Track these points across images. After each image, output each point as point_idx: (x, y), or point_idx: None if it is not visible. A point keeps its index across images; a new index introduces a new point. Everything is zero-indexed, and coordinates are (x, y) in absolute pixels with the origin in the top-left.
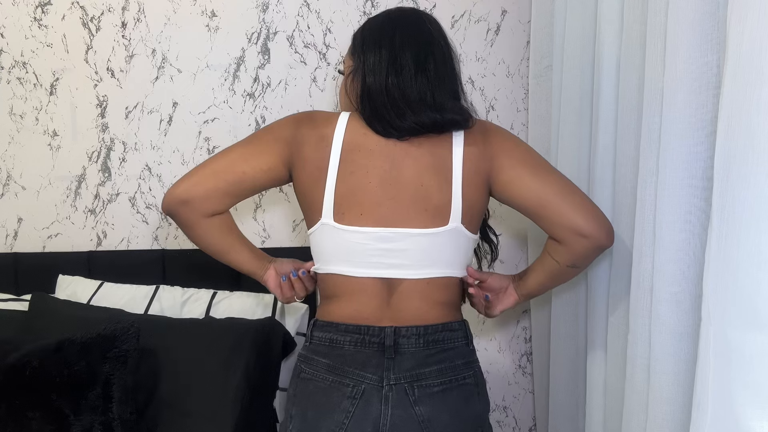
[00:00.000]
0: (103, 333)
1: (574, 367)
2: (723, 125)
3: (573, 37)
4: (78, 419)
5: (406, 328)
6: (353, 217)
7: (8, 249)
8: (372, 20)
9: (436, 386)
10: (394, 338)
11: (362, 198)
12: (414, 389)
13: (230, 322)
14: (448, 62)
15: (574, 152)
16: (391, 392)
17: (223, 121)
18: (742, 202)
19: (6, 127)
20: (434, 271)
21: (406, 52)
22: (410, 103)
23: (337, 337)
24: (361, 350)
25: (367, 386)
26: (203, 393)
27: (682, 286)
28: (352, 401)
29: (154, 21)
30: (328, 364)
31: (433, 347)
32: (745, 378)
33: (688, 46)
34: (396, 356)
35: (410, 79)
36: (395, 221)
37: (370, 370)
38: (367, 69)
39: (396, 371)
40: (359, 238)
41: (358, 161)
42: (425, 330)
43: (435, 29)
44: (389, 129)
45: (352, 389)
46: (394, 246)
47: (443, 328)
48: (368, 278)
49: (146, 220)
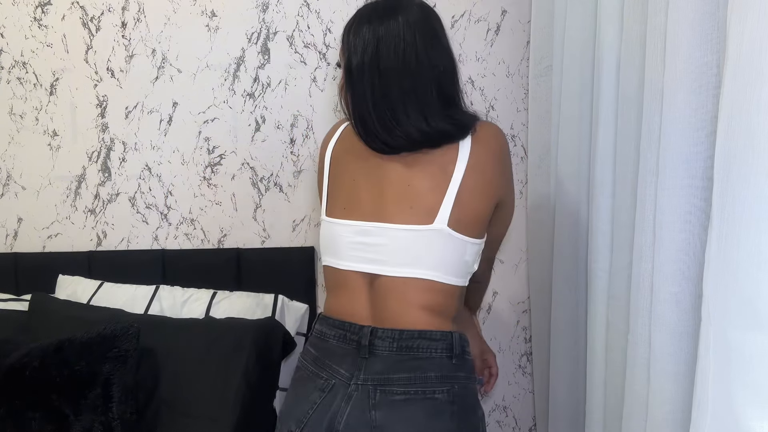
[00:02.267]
0: (103, 333)
1: (574, 368)
2: (723, 125)
3: (573, 37)
4: (78, 419)
5: (383, 330)
6: (339, 211)
7: (8, 249)
8: (352, 21)
9: (398, 394)
10: (369, 338)
11: (348, 194)
12: (376, 393)
13: (230, 322)
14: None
15: (574, 152)
16: (356, 392)
17: (223, 121)
18: (742, 202)
19: (6, 127)
20: (413, 271)
21: (386, 64)
22: (397, 119)
23: (326, 331)
24: (342, 346)
25: (337, 381)
26: (203, 393)
27: (682, 286)
28: (320, 394)
29: (154, 21)
30: (315, 356)
31: (405, 354)
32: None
33: (688, 46)
34: (369, 357)
35: (392, 96)
36: (376, 216)
37: (344, 367)
38: (353, 82)
39: (366, 372)
40: (342, 230)
41: (348, 162)
42: (400, 334)
43: (421, 29)
44: (384, 147)
45: (324, 382)
46: (373, 240)
47: (419, 335)
48: (351, 271)
49: (146, 220)
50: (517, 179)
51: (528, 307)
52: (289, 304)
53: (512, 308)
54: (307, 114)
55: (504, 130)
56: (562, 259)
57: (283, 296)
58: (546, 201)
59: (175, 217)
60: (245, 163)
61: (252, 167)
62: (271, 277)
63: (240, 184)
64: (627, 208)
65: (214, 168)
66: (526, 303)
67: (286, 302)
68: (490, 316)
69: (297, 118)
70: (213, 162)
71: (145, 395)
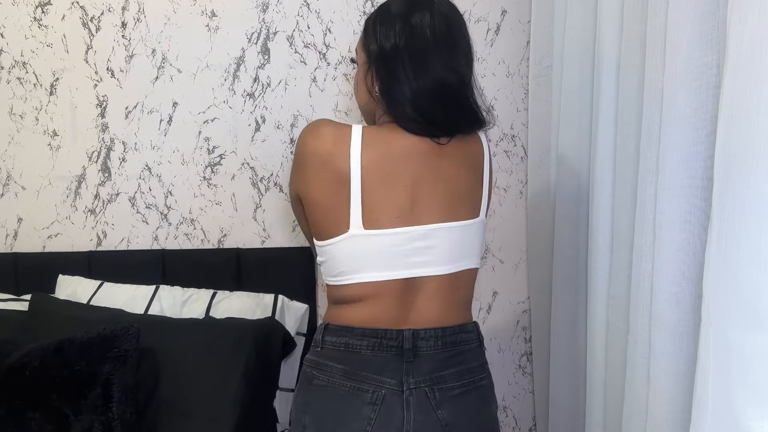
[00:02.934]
0: (103, 333)
1: (574, 367)
2: (723, 125)
3: (573, 37)
4: (78, 419)
5: (425, 330)
6: (388, 221)
7: (8, 249)
8: (377, 13)
9: (456, 389)
10: (412, 341)
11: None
12: (435, 392)
13: (230, 322)
14: (469, 52)
15: (574, 152)
16: (412, 396)
17: (223, 121)
18: (742, 202)
19: (6, 127)
20: (462, 264)
21: (422, 45)
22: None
23: (353, 342)
24: (379, 354)
25: (387, 391)
26: (203, 393)
27: (682, 286)
28: (373, 407)
29: (154, 21)
30: (344, 370)
31: (451, 349)
32: (745, 378)
33: (688, 46)
34: (415, 359)
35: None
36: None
37: (388, 375)
38: (388, 67)
39: (416, 375)
40: (396, 240)
41: (392, 167)
42: (443, 332)
43: (453, 18)
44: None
45: (372, 395)
46: (429, 243)
47: (460, 329)
48: (392, 281)
49: (146, 220)
50: (517, 179)
51: (528, 307)
52: (289, 304)
53: (512, 308)
54: (307, 114)
55: (504, 130)
56: (562, 259)
57: (283, 296)
58: (546, 201)
59: (175, 217)
60: (245, 163)
61: (252, 167)
62: (271, 277)
63: (240, 184)
64: (627, 208)
65: (214, 168)
66: (526, 303)
67: (286, 302)
68: (490, 316)
69: (297, 118)
70: (213, 162)
71: (145, 395)
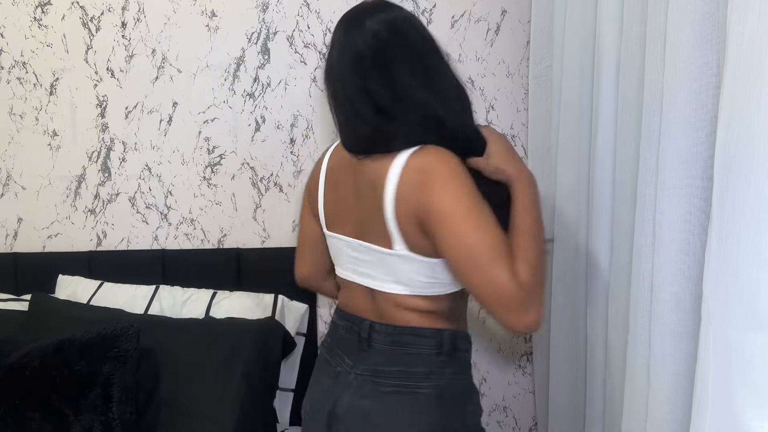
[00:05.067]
0: (103, 333)
1: (574, 367)
2: (723, 125)
3: (573, 37)
4: (78, 419)
5: (380, 324)
6: (335, 225)
7: (8, 249)
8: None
9: (388, 386)
10: (368, 332)
11: (340, 209)
12: (369, 383)
13: (230, 322)
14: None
15: (574, 152)
16: (355, 381)
17: (223, 121)
18: (742, 202)
19: (6, 127)
20: (399, 288)
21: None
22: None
23: (337, 322)
24: (349, 337)
25: (342, 369)
26: (203, 393)
27: (682, 286)
28: (328, 380)
29: (154, 21)
30: (329, 344)
31: (397, 348)
32: (745, 378)
33: (688, 46)
34: (368, 349)
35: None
36: (361, 234)
37: (350, 356)
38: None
39: (364, 363)
40: (340, 244)
41: (336, 178)
42: (393, 329)
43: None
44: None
45: (333, 369)
46: (361, 257)
47: (411, 331)
48: (352, 281)
49: (146, 220)
50: None
51: None
52: (289, 304)
53: None
54: (307, 114)
55: (504, 130)
56: (562, 259)
57: (283, 296)
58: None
59: (175, 217)
60: (245, 163)
61: (252, 167)
62: (271, 277)
63: (240, 184)
64: (627, 208)
65: (214, 168)
66: None
67: (286, 302)
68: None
69: (297, 118)
70: (213, 162)
71: (145, 395)
